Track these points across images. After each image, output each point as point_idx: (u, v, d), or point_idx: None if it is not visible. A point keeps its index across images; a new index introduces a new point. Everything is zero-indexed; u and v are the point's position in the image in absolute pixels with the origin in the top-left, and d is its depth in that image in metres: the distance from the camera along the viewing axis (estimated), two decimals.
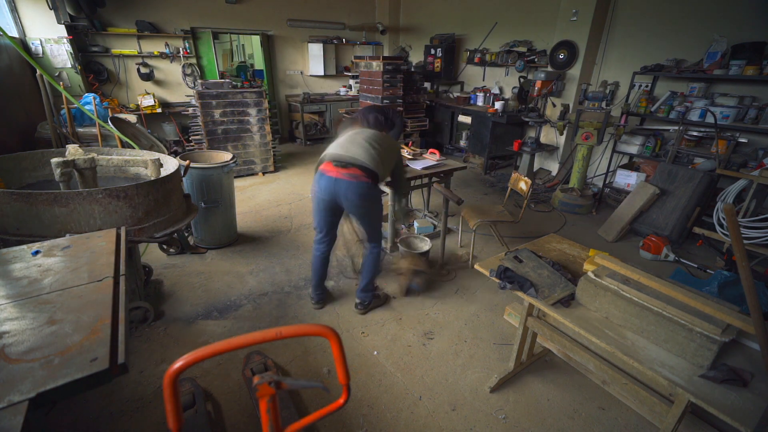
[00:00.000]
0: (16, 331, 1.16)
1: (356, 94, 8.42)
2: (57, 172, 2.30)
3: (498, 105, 5.88)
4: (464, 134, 6.76)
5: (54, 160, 2.29)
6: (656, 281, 1.57)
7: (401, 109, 6.20)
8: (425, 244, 3.35)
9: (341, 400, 1.04)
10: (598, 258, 1.82)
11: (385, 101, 5.95)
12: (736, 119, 3.80)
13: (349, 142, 2.49)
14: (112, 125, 3.81)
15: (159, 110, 6.32)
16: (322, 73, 8.15)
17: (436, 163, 3.69)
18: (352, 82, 8.46)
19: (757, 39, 3.74)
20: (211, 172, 3.39)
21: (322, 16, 7.96)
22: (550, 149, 5.85)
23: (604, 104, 4.58)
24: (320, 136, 8.06)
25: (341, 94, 8.40)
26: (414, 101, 6.48)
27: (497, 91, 6.65)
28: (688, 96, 4.26)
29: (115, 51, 6.19)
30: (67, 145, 2.48)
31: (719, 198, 3.67)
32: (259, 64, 8.35)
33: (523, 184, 3.33)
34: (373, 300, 2.81)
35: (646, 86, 4.68)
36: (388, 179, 2.71)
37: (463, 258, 3.59)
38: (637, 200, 4.02)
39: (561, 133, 5.27)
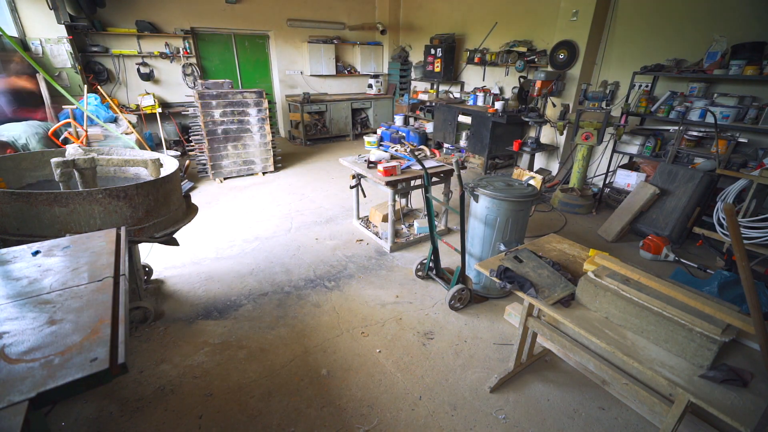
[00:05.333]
0: (16, 331, 1.16)
1: (378, 93, 8.46)
2: (57, 172, 2.30)
3: (498, 105, 5.89)
4: (464, 134, 6.76)
5: (54, 160, 2.29)
6: (656, 281, 1.57)
7: None
8: None
9: None
10: (598, 258, 1.82)
11: None
12: (736, 119, 3.80)
13: None
14: (112, 125, 3.81)
15: (159, 110, 6.32)
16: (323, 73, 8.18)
17: (437, 164, 3.69)
18: (372, 81, 8.53)
19: (757, 39, 3.75)
20: None
21: (322, 16, 7.96)
22: (550, 149, 5.86)
23: (604, 104, 4.58)
24: (320, 136, 8.06)
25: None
26: None
27: (497, 91, 6.65)
28: (688, 96, 4.26)
29: (115, 51, 6.20)
30: (67, 145, 2.49)
31: (719, 198, 3.66)
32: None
33: (532, 182, 3.28)
34: None
35: (646, 86, 4.68)
36: None
37: None
38: (637, 200, 4.02)
39: (561, 133, 5.27)
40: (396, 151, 3.95)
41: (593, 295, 1.65)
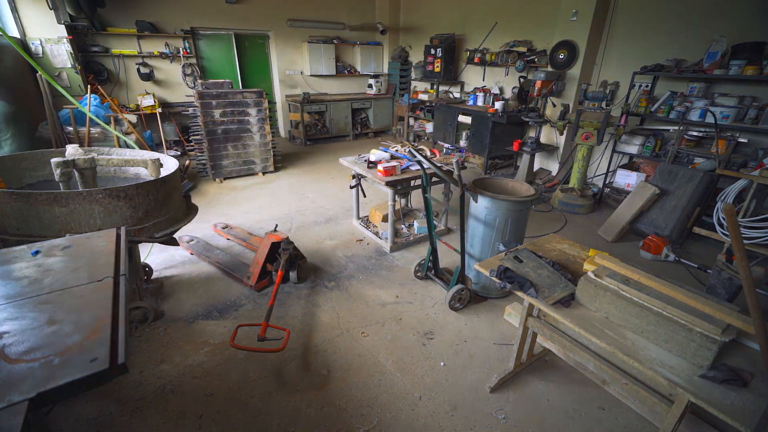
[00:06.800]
0: (16, 331, 1.16)
1: (378, 93, 8.47)
2: (57, 172, 2.30)
3: (498, 105, 5.88)
4: (464, 134, 6.76)
5: (54, 160, 2.29)
6: (656, 281, 1.57)
7: None
8: None
9: None
10: (598, 258, 1.82)
11: None
12: (736, 119, 3.80)
13: None
14: (111, 127, 3.81)
15: (159, 110, 6.33)
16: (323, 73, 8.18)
17: (436, 164, 3.69)
18: (372, 81, 8.55)
19: (757, 39, 3.75)
20: None
21: (322, 16, 7.96)
22: (550, 149, 5.85)
23: (604, 104, 4.58)
24: (320, 136, 8.06)
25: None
26: None
27: (497, 91, 6.65)
28: (688, 96, 4.26)
29: (115, 51, 6.20)
30: (67, 145, 2.49)
31: (719, 198, 3.66)
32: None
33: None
34: None
35: (646, 86, 4.68)
36: None
37: None
38: (637, 200, 4.02)
39: (561, 133, 5.27)
40: (396, 151, 3.95)
41: (593, 295, 1.65)
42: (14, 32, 5.11)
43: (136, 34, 6.26)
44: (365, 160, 3.70)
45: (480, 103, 6.69)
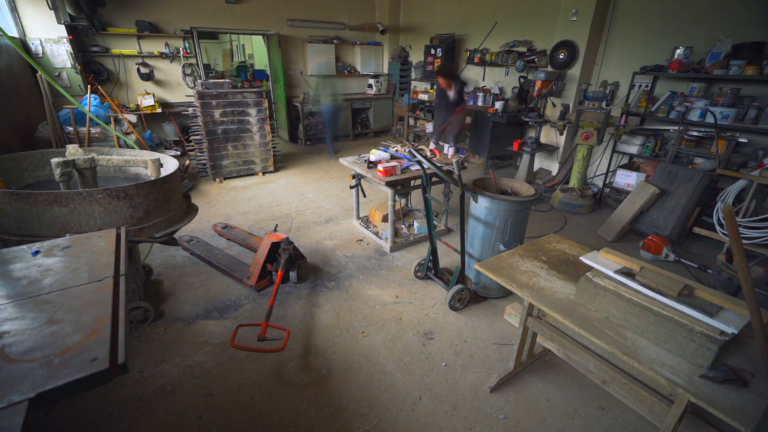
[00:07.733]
0: (16, 331, 1.16)
1: (378, 93, 8.49)
2: (57, 172, 2.30)
3: (498, 105, 5.88)
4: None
5: (54, 160, 2.29)
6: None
7: None
8: None
9: None
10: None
11: None
12: (736, 119, 3.80)
13: None
14: (111, 127, 3.80)
15: (159, 110, 6.32)
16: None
17: (437, 164, 3.69)
18: (372, 81, 8.56)
19: (758, 39, 3.74)
20: None
21: (322, 16, 7.96)
22: (550, 149, 5.85)
23: (604, 104, 4.58)
24: (320, 136, 8.05)
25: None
26: None
27: (497, 91, 6.65)
28: (688, 96, 4.26)
29: (115, 51, 6.19)
30: (67, 145, 2.49)
31: (719, 198, 3.66)
32: (261, 65, 8.31)
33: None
34: None
35: (646, 86, 4.68)
36: None
37: None
38: (637, 200, 4.02)
39: (561, 133, 5.26)
40: (396, 151, 3.95)
41: (593, 295, 1.65)
42: (14, 32, 5.11)
43: (136, 34, 6.26)
44: (365, 160, 3.70)
45: (480, 103, 6.69)
